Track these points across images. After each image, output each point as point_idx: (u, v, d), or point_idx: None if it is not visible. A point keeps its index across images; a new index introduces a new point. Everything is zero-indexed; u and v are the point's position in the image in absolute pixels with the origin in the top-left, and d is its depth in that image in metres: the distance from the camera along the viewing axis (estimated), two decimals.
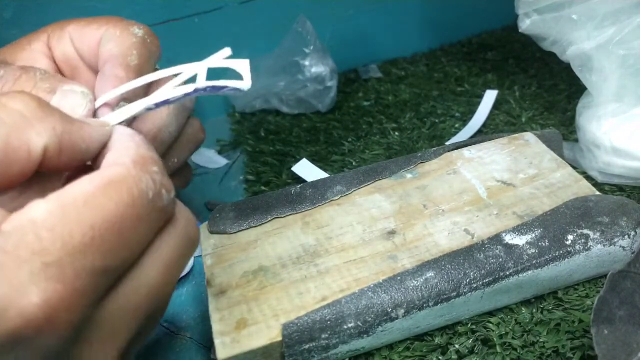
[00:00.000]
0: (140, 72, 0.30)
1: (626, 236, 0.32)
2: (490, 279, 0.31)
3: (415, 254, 0.32)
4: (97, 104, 0.26)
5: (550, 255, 0.31)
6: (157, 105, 0.25)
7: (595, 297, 0.27)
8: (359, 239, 0.34)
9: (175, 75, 0.26)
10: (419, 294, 0.30)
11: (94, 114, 0.26)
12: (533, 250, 0.31)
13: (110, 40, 0.31)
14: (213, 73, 0.27)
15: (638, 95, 0.39)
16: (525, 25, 0.43)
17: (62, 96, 0.26)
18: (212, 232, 0.36)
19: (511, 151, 0.40)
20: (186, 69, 0.26)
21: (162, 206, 0.21)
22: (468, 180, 0.38)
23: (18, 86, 0.26)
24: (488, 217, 0.35)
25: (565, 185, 0.36)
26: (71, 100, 0.25)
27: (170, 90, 0.25)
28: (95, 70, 0.31)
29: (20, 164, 0.19)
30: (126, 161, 0.20)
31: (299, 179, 0.47)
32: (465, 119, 0.53)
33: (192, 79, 0.26)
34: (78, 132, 0.21)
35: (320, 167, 0.48)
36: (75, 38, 0.32)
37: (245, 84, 0.25)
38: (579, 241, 0.32)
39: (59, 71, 0.33)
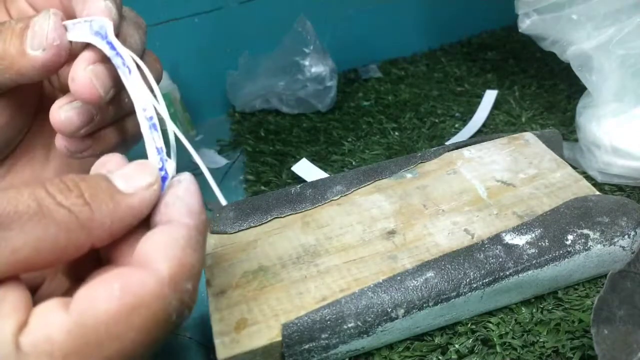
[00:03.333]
0: None
1: (626, 236, 0.32)
2: (490, 279, 0.31)
3: (415, 254, 0.32)
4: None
5: (550, 255, 0.31)
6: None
7: (596, 297, 0.27)
8: (359, 239, 0.34)
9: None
10: (419, 294, 0.30)
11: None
12: (533, 250, 0.31)
13: None
14: None
15: (638, 95, 0.39)
16: (525, 25, 0.43)
17: (32, 25, 0.25)
18: (212, 232, 0.36)
19: (511, 151, 0.40)
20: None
21: (180, 324, 0.20)
22: (468, 180, 0.38)
23: (1, 39, 0.25)
24: (488, 217, 0.35)
25: (565, 185, 0.36)
26: (41, 23, 0.25)
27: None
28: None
29: (70, 256, 0.19)
30: (163, 272, 0.19)
31: (299, 179, 0.47)
32: (465, 119, 0.53)
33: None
34: (127, 211, 0.20)
35: (320, 167, 0.48)
36: None
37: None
38: (579, 241, 0.32)
39: None
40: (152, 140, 0.22)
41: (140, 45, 0.29)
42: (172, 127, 0.22)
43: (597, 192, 0.35)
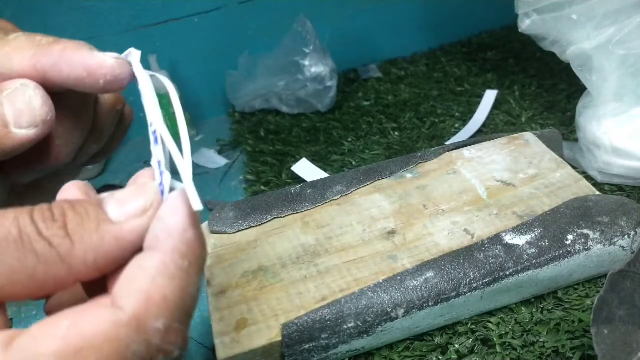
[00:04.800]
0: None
1: (626, 236, 0.32)
2: (490, 279, 0.31)
3: (415, 254, 0.32)
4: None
5: (550, 255, 0.31)
6: None
7: (595, 297, 0.27)
8: (359, 239, 0.34)
9: None
10: (419, 294, 0.30)
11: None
12: (533, 250, 0.31)
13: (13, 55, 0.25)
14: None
15: (638, 95, 0.39)
16: (525, 25, 0.43)
17: (9, 101, 0.23)
18: (212, 232, 0.36)
19: (511, 151, 0.40)
20: None
21: None
22: (468, 180, 0.38)
23: None
24: (488, 217, 0.35)
25: (565, 185, 0.36)
26: (23, 100, 0.23)
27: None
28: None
29: (51, 290, 0.17)
30: (124, 309, 0.16)
31: (299, 179, 0.47)
32: (465, 119, 0.53)
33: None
34: (113, 244, 0.18)
35: (320, 167, 0.48)
36: None
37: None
38: (579, 241, 0.31)
39: None
40: (154, 154, 0.21)
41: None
42: (166, 137, 0.21)
43: (597, 192, 0.35)
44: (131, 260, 0.18)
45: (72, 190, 0.20)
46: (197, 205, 0.18)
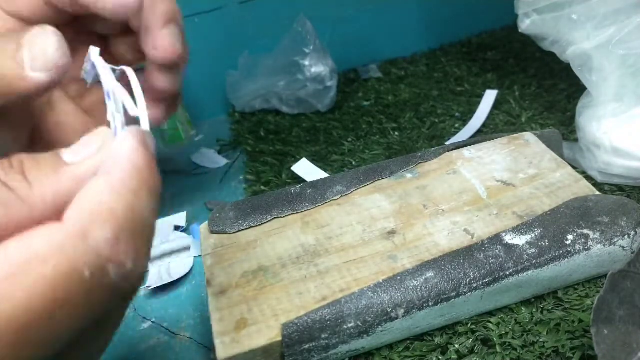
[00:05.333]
0: None
1: (626, 236, 0.32)
2: (490, 279, 0.31)
3: (415, 254, 0.32)
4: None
5: (550, 255, 0.31)
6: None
7: (595, 297, 0.27)
8: (359, 239, 0.34)
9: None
10: (419, 294, 0.30)
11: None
12: (533, 250, 0.31)
13: None
14: None
15: (638, 95, 0.39)
16: (525, 25, 0.43)
17: (28, 44, 0.23)
18: (212, 232, 0.36)
19: (511, 151, 0.40)
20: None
21: (110, 283, 0.16)
22: (468, 180, 0.38)
23: None
24: (488, 217, 0.35)
25: (565, 185, 0.36)
26: (40, 43, 0.23)
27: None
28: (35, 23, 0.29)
29: (14, 232, 0.17)
30: (66, 222, 0.16)
31: (299, 179, 0.47)
32: (465, 119, 0.53)
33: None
34: (71, 183, 0.18)
35: (320, 167, 0.48)
36: (5, 3, 0.29)
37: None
38: (579, 241, 0.32)
39: None
40: (109, 108, 0.22)
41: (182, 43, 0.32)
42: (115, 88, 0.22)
43: (597, 192, 0.35)
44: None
45: None
46: (145, 126, 0.20)
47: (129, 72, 0.23)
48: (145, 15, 0.31)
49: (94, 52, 0.25)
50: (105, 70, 0.23)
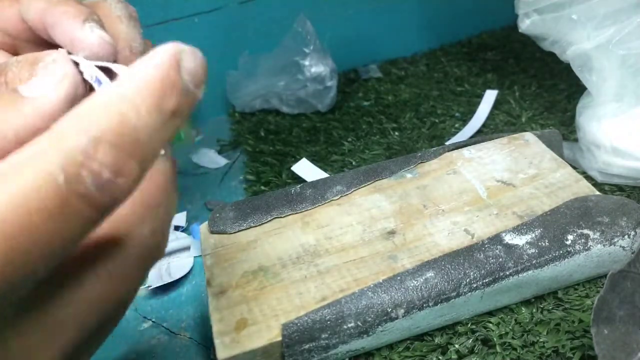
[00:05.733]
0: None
1: (626, 236, 0.32)
2: (490, 279, 0.31)
3: (415, 254, 0.32)
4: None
5: (550, 255, 0.31)
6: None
7: (596, 297, 0.27)
8: (359, 239, 0.34)
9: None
10: (419, 294, 0.30)
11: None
12: (533, 250, 0.31)
13: (30, 4, 0.25)
14: None
15: (638, 95, 0.39)
16: (525, 25, 0.43)
17: (43, 74, 0.24)
18: (212, 232, 0.36)
19: (511, 151, 0.40)
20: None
21: (85, 192, 0.14)
22: (468, 180, 0.38)
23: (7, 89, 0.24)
24: (488, 217, 0.35)
25: (565, 185, 0.36)
26: (51, 72, 0.24)
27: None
28: (34, 42, 0.27)
29: None
30: (44, 135, 0.15)
31: (299, 179, 0.47)
32: (465, 119, 0.53)
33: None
34: (34, 115, 0.18)
35: (320, 167, 0.48)
36: None
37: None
38: (579, 241, 0.32)
39: (4, 51, 0.30)
40: (86, 71, 0.21)
41: (141, 44, 0.28)
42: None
43: (597, 192, 0.35)
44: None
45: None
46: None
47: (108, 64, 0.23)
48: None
49: (62, 54, 0.24)
50: (85, 62, 0.22)
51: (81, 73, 0.23)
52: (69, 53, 0.24)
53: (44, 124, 0.17)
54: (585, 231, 0.32)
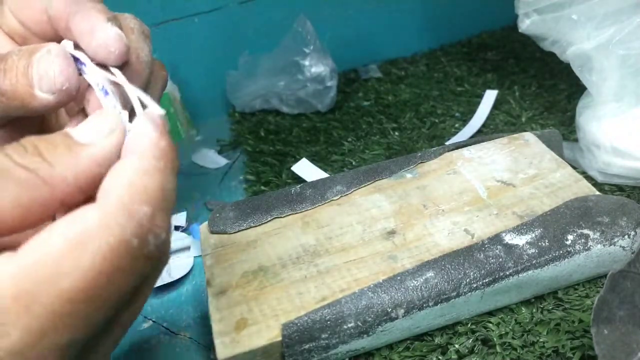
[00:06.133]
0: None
1: (626, 236, 0.32)
2: (490, 279, 0.31)
3: (415, 254, 0.32)
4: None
5: (550, 255, 0.31)
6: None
7: (596, 297, 0.27)
8: (359, 239, 0.34)
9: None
10: (419, 294, 0.30)
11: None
12: (533, 250, 0.31)
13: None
14: None
15: (638, 95, 0.39)
16: (525, 25, 0.43)
17: (37, 64, 0.24)
18: (212, 232, 0.36)
19: (511, 151, 0.40)
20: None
21: (149, 252, 0.18)
22: (468, 181, 0.38)
23: (8, 78, 0.25)
24: (488, 217, 0.35)
25: (565, 185, 0.36)
26: (45, 65, 0.24)
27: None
28: (45, 38, 0.28)
29: (38, 216, 0.18)
30: (109, 200, 0.18)
31: (299, 179, 0.47)
32: (465, 119, 0.53)
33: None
34: (89, 162, 0.19)
35: (320, 167, 0.48)
36: (15, 10, 0.29)
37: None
38: (579, 241, 0.32)
39: (15, 43, 0.32)
40: (107, 104, 0.22)
41: (149, 56, 0.29)
42: (120, 80, 0.22)
43: (597, 192, 0.35)
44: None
45: None
46: (159, 110, 0.21)
47: (115, 70, 0.23)
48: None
49: (68, 45, 0.24)
50: (92, 65, 0.23)
51: (79, 70, 0.24)
52: (77, 47, 0.24)
53: (100, 170, 0.19)
54: (585, 231, 0.32)
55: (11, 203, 0.17)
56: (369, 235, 0.34)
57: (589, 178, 0.41)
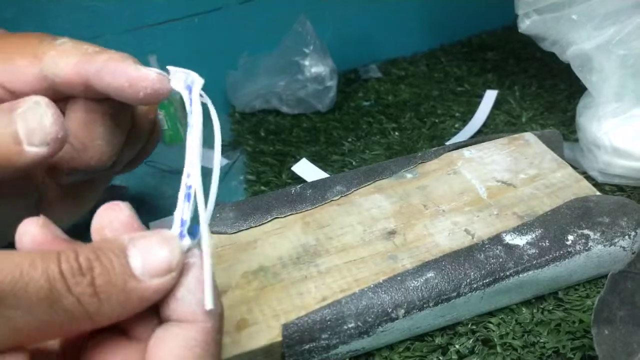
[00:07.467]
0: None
1: (626, 236, 0.32)
2: (491, 279, 0.31)
3: (415, 254, 0.32)
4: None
5: (551, 256, 0.31)
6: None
7: (596, 297, 0.27)
8: (359, 239, 0.34)
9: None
10: (420, 294, 0.30)
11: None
12: (533, 251, 0.31)
13: (60, 60, 0.26)
14: None
15: (638, 95, 0.39)
16: (525, 25, 0.43)
17: (22, 119, 0.23)
18: (212, 232, 0.36)
19: (511, 151, 0.40)
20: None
21: None
22: (468, 181, 0.38)
23: None
24: (488, 217, 0.34)
25: (566, 186, 0.36)
26: (35, 117, 0.23)
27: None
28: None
29: (71, 336, 0.19)
30: None
31: (299, 179, 0.47)
32: (465, 119, 0.53)
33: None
34: (137, 303, 0.19)
35: (320, 167, 0.48)
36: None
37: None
38: (580, 241, 0.31)
39: None
40: (181, 210, 0.21)
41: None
42: (200, 200, 0.21)
43: (598, 193, 0.35)
44: (161, 328, 0.20)
45: (31, 227, 0.20)
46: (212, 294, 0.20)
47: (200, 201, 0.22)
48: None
49: (198, 82, 0.23)
50: (196, 152, 0.22)
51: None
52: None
53: (144, 307, 0.19)
54: (586, 231, 0.32)
55: (54, 328, 0.17)
56: (369, 235, 0.34)
57: (590, 178, 0.41)
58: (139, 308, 0.19)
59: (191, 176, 0.21)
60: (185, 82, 0.24)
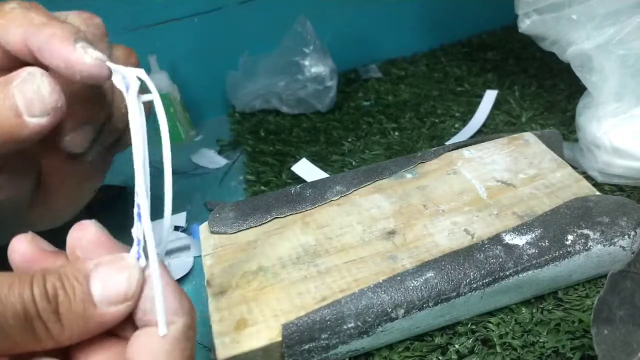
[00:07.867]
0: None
1: (626, 236, 0.32)
2: (490, 279, 0.31)
3: (415, 254, 0.32)
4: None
5: (550, 256, 0.31)
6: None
7: (596, 297, 0.27)
8: (359, 239, 0.34)
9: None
10: (419, 294, 0.30)
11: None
12: (533, 251, 0.31)
13: (9, 30, 0.25)
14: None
15: (638, 95, 0.39)
16: (525, 25, 0.43)
17: (19, 91, 0.23)
18: (212, 232, 0.36)
19: (511, 151, 0.40)
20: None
21: None
22: (468, 181, 0.38)
23: None
24: (488, 217, 0.35)
25: (566, 186, 0.36)
26: (33, 88, 0.23)
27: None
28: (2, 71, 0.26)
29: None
30: None
31: (299, 179, 0.47)
32: (465, 119, 0.53)
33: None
34: (96, 327, 0.21)
35: (320, 167, 0.48)
36: None
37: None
38: (579, 241, 0.31)
39: None
40: (136, 229, 0.21)
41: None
42: (145, 222, 0.21)
43: (597, 192, 0.35)
44: (137, 333, 0.21)
45: (20, 245, 0.22)
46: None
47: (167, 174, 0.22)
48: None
49: (134, 84, 0.21)
50: (140, 166, 0.21)
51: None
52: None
53: (102, 330, 0.21)
54: (585, 231, 0.32)
55: (23, 346, 0.19)
56: (369, 235, 0.34)
57: (589, 178, 0.41)
58: (98, 331, 0.20)
59: (139, 195, 0.21)
60: (124, 81, 0.22)
